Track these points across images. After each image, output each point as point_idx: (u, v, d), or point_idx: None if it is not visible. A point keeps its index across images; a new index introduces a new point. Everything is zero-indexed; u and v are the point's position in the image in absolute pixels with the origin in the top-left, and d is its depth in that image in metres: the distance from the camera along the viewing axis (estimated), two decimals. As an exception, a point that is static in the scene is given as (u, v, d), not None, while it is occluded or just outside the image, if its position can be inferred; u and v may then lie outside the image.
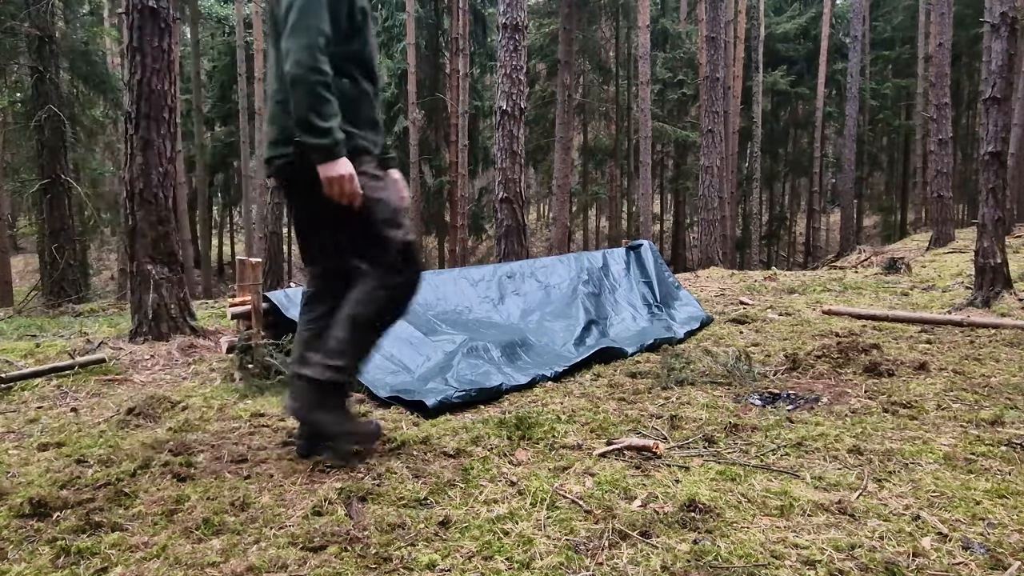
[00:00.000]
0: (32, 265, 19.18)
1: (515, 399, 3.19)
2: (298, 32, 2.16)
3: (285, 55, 2.18)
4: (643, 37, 15.57)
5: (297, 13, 2.17)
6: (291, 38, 2.17)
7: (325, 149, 2.16)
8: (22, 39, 12.15)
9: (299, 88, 2.15)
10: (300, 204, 2.39)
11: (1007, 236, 7.42)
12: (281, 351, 3.52)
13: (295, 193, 2.38)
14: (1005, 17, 5.65)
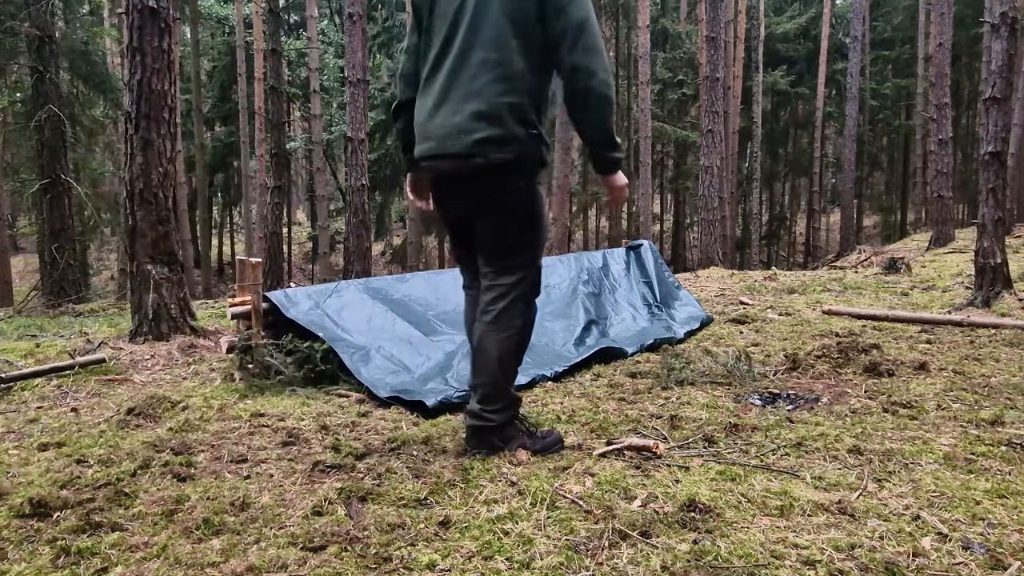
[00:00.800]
0: (32, 265, 19.18)
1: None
2: (595, 51, 2.21)
3: (578, 70, 2.20)
4: (643, 37, 15.57)
5: (590, 30, 2.21)
6: (589, 55, 2.20)
7: (618, 162, 2.34)
8: (22, 39, 12.15)
9: (605, 106, 2.24)
10: (489, 205, 2.35)
11: (1007, 236, 7.42)
12: (281, 351, 3.52)
13: (486, 192, 2.33)
14: (1005, 17, 5.65)
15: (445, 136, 2.29)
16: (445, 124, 2.29)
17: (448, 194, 2.47)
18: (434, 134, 2.32)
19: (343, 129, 14.81)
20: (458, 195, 2.42)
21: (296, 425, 2.72)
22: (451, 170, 2.34)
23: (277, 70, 13.16)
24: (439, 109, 2.31)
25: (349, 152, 11.40)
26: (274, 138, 13.16)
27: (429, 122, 2.34)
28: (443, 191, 2.48)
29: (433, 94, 2.33)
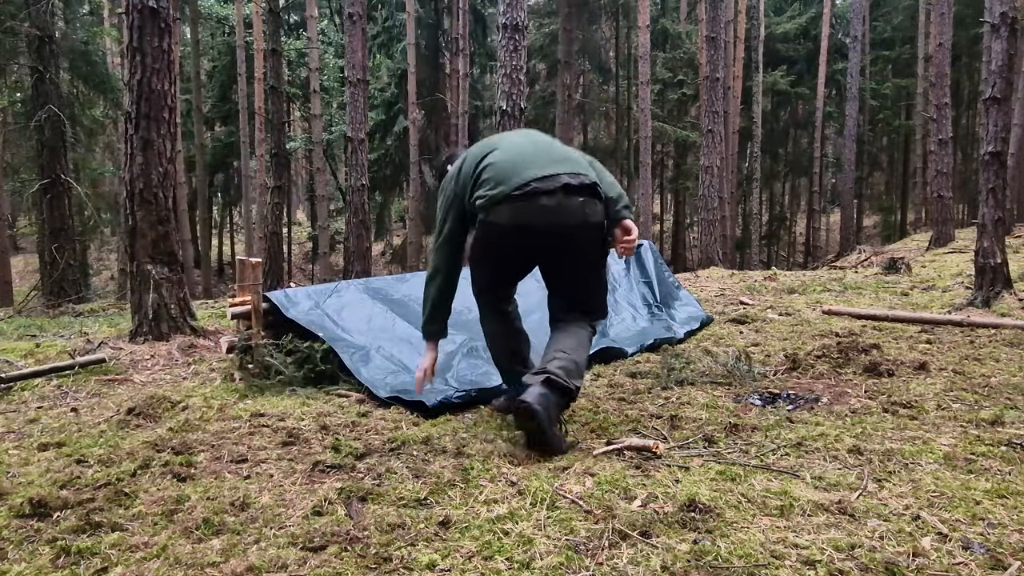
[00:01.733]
0: (32, 265, 19.18)
1: (515, 399, 3.19)
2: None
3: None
4: (643, 37, 15.57)
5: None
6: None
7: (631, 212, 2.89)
8: (22, 39, 12.15)
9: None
10: (576, 251, 2.78)
11: (1007, 236, 7.42)
12: (281, 351, 3.52)
13: (580, 242, 2.76)
14: (1005, 17, 5.65)
15: None
16: None
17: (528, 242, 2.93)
18: None
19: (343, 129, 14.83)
20: None
21: (296, 425, 2.72)
22: None
23: (277, 70, 13.16)
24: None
25: (349, 152, 11.41)
26: (274, 138, 13.16)
27: None
28: None
29: None
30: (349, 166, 11.54)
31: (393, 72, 21.54)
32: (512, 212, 2.67)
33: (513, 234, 2.73)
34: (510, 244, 2.78)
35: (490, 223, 2.71)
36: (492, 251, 2.84)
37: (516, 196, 2.65)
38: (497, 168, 2.72)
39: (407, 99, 17.76)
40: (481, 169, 2.74)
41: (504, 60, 7.13)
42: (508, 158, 2.74)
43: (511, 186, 2.66)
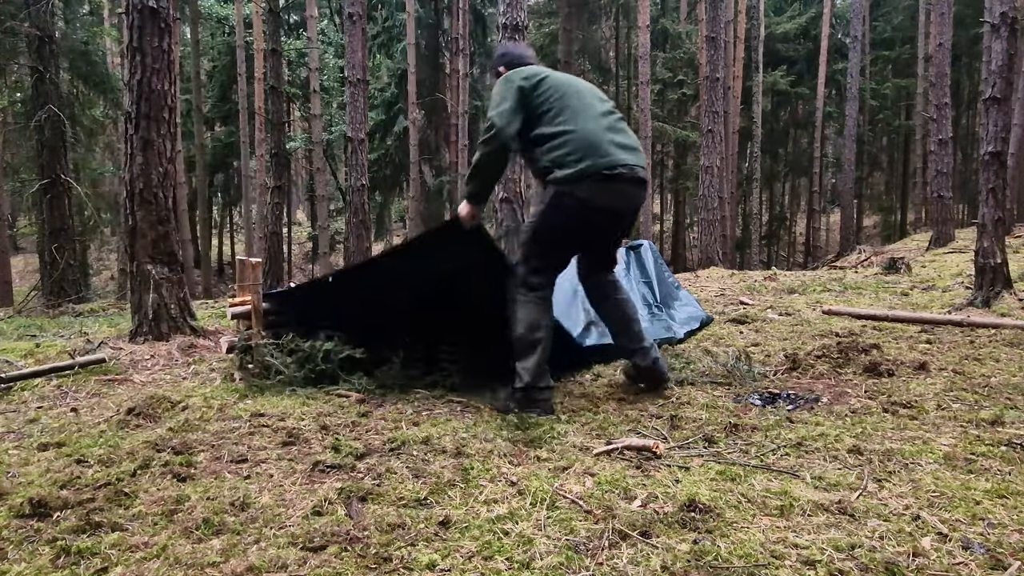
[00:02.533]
0: (32, 265, 19.18)
1: (515, 399, 3.19)
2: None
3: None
4: (643, 37, 15.56)
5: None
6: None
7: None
8: (22, 39, 12.16)
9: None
10: (625, 229, 3.25)
11: (1007, 236, 7.41)
12: (281, 351, 3.52)
13: (629, 217, 3.19)
14: (1005, 17, 5.65)
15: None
16: None
17: (615, 215, 3.23)
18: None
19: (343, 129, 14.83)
20: None
21: (296, 425, 2.72)
22: None
23: (277, 70, 13.16)
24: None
25: (349, 152, 11.40)
26: (274, 138, 13.16)
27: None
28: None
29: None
30: (349, 166, 11.53)
31: (393, 72, 21.54)
32: (600, 192, 2.89)
33: (600, 214, 2.96)
34: (593, 223, 2.99)
35: (578, 200, 2.88)
36: (574, 229, 2.99)
37: (604, 176, 2.87)
38: (577, 139, 2.89)
39: (407, 99, 17.76)
40: (555, 121, 2.93)
41: (504, 60, 7.12)
42: (588, 129, 2.92)
43: (599, 165, 2.87)
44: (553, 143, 2.92)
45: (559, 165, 2.89)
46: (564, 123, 2.93)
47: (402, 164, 20.78)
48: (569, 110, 2.95)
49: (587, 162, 2.85)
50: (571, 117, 2.94)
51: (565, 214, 2.94)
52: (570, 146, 2.89)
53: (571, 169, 2.85)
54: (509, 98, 2.95)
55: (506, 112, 2.92)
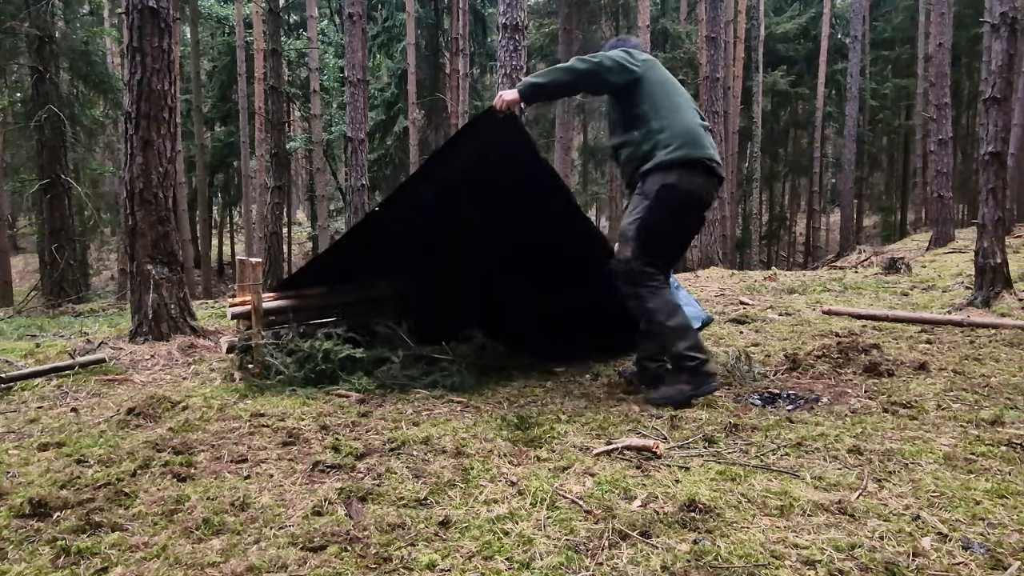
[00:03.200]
0: (32, 265, 19.18)
1: (515, 398, 3.19)
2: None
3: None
4: (643, 37, 15.56)
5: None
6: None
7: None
8: (22, 39, 12.16)
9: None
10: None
11: (1007, 236, 7.41)
12: (281, 351, 3.52)
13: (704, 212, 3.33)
14: (1005, 17, 5.65)
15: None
16: None
17: (701, 211, 3.39)
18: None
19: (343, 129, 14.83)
20: None
21: (296, 425, 2.72)
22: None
23: (277, 70, 13.15)
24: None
25: (349, 152, 11.40)
26: (274, 138, 13.16)
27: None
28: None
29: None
30: (349, 166, 11.53)
31: (393, 72, 21.53)
32: (702, 183, 3.09)
33: (695, 204, 3.14)
34: (691, 214, 3.18)
35: (679, 190, 3.02)
36: (679, 219, 3.14)
37: (705, 168, 3.06)
38: (677, 130, 3.06)
39: (407, 99, 17.76)
40: (658, 109, 3.09)
41: (504, 60, 7.13)
42: (686, 123, 3.10)
43: (699, 155, 3.05)
44: (653, 127, 3.08)
45: (661, 148, 3.04)
46: (667, 113, 3.10)
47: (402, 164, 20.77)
48: (671, 102, 3.14)
49: (686, 150, 3.02)
50: (674, 109, 3.13)
51: (669, 205, 3.03)
52: (669, 132, 3.06)
53: (674, 155, 3.01)
54: (624, 62, 3.11)
55: (616, 67, 3.08)
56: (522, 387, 3.42)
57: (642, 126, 3.12)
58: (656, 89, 3.15)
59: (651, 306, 3.02)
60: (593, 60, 3.09)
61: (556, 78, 3.07)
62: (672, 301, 3.08)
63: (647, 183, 3.08)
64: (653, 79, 3.16)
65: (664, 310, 3.02)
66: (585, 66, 3.07)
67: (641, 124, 3.12)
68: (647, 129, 3.10)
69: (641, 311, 3.06)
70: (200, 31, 19.82)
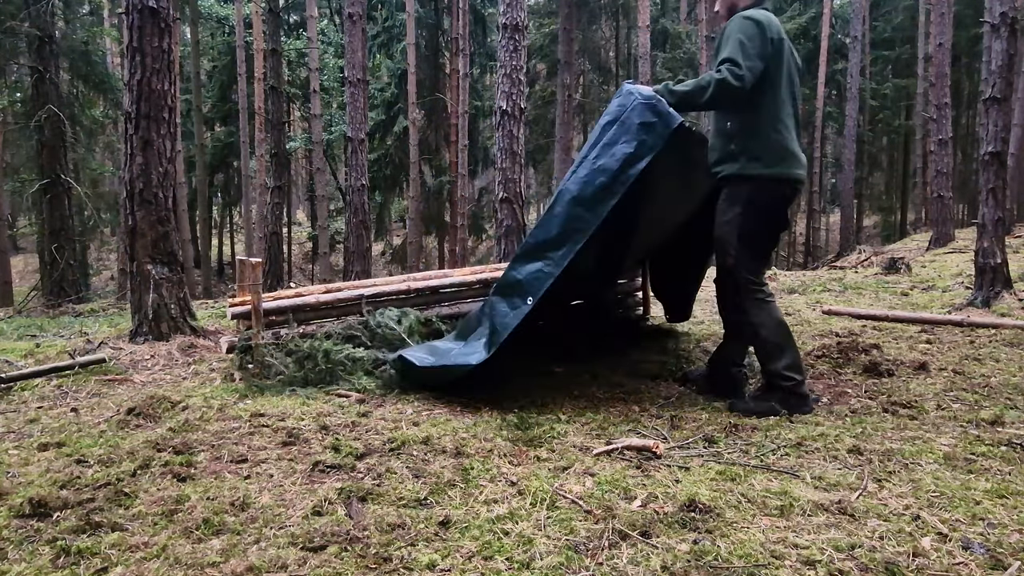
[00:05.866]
0: (32, 265, 19.17)
1: (516, 399, 3.18)
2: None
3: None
4: (643, 37, 15.56)
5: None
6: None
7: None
8: (22, 39, 12.16)
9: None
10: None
11: (1007, 236, 7.41)
12: (281, 351, 3.52)
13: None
14: (1005, 17, 5.65)
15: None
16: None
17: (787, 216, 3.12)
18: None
19: (343, 129, 14.83)
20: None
21: (296, 425, 2.72)
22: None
23: (277, 70, 13.15)
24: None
25: (349, 152, 11.40)
26: (274, 138, 13.15)
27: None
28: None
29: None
30: (349, 166, 11.52)
31: (393, 72, 21.51)
32: (781, 199, 2.94)
33: (785, 205, 2.97)
34: (778, 221, 2.99)
35: (773, 198, 2.90)
36: (771, 223, 2.97)
37: (790, 185, 2.92)
38: (778, 138, 2.85)
39: (407, 99, 17.75)
40: (765, 104, 2.83)
41: (504, 60, 7.13)
42: (788, 128, 2.89)
43: (792, 176, 2.90)
44: (753, 128, 2.84)
45: (754, 158, 2.84)
46: (773, 112, 2.83)
47: (402, 164, 20.76)
48: (779, 96, 2.85)
49: (780, 168, 2.86)
50: (779, 107, 2.85)
51: (763, 212, 2.90)
52: (769, 141, 2.84)
53: (766, 169, 2.84)
54: (757, 45, 2.74)
55: (756, 67, 2.73)
56: (522, 387, 3.41)
57: (738, 120, 2.87)
58: (770, 76, 2.81)
59: (754, 320, 2.91)
60: (737, 79, 2.72)
61: (697, 101, 2.85)
62: (776, 315, 2.94)
63: (735, 188, 2.91)
64: (774, 62, 2.82)
65: (768, 324, 2.90)
66: (728, 94, 2.76)
67: (739, 117, 2.87)
68: (746, 128, 2.86)
69: (747, 323, 2.97)
70: (200, 31, 19.82)
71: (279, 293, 4.03)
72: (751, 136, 2.86)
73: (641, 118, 2.84)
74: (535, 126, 23.43)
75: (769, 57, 2.78)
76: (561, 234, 2.93)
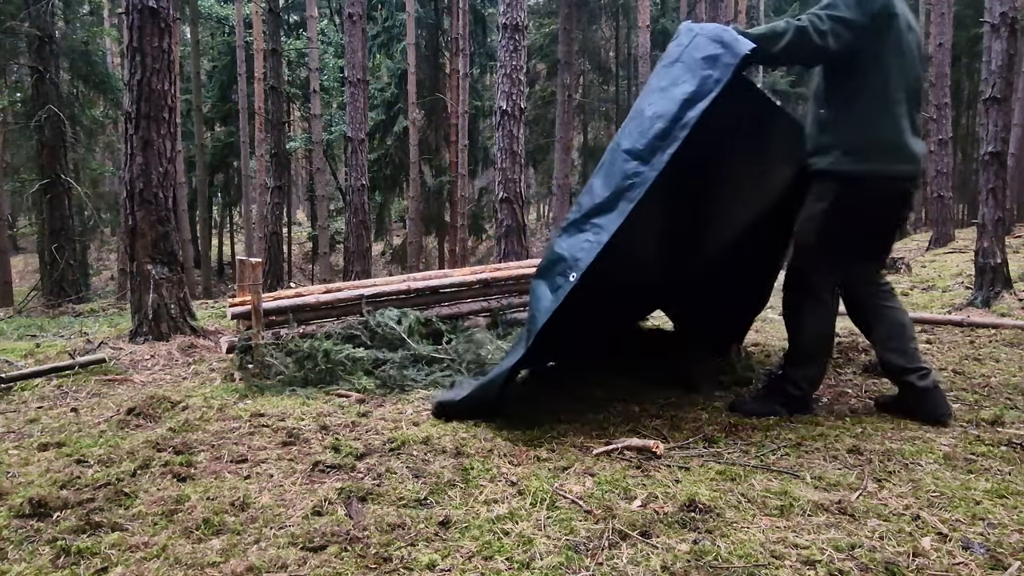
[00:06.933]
0: (32, 265, 19.17)
1: (515, 398, 3.18)
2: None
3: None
4: (643, 37, 15.56)
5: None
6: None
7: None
8: (22, 39, 12.16)
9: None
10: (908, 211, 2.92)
11: (1007, 236, 7.41)
12: (281, 351, 3.52)
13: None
14: (1005, 17, 5.65)
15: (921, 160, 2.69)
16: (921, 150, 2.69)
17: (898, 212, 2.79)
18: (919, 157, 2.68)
19: (343, 129, 14.83)
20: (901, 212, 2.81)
21: (296, 425, 2.72)
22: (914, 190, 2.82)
23: (277, 70, 13.15)
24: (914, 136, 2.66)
25: (349, 152, 11.40)
26: (274, 138, 13.16)
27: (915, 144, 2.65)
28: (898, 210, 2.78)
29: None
30: (349, 166, 11.53)
31: (393, 72, 21.50)
32: (880, 198, 2.66)
33: (880, 213, 2.68)
34: (874, 220, 2.70)
35: (875, 196, 2.63)
36: (857, 227, 2.67)
37: (899, 185, 2.67)
38: (890, 131, 2.57)
39: (407, 99, 17.75)
40: (868, 88, 2.54)
41: (504, 60, 7.13)
42: (896, 117, 2.57)
43: (894, 173, 2.61)
44: (852, 117, 2.57)
45: (849, 152, 2.56)
46: (878, 98, 2.54)
47: (402, 164, 20.75)
48: (888, 80, 2.55)
49: (879, 164, 2.56)
50: (887, 93, 2.55)
51: (849, 212, 2.62)
52: (869, 132, 2.56)
53: (860, 165, 2.55)
54: (853, 8, 2.48)
55: (843, 33, 2.46)
56: (522, 387, 3.41)
57: (835, 108, 2.62)
58: (872, 67, 2.54)
59: (805, 323, 2.76)
60: (823, 35, 2.47)
61: (777, 52, 2.51)
62: (824, 329, 2.78)
63: (824, 184, 2.66)
64: (884, 41, 2.54)
65: (811, 332, 2.75)
66: (802, 49, 2.50)
67: (838, 98, 2.61)
68: (843, 116, 2.60)
69: (793, 322, 2.82)
70: (200, 31, 19.81)
71: (279, 293, 4.04)
72: (848, 126, 2.58)
73: (703, 52, 2.44)
74: (535, 126, 23.43)
75: (869, 30, 2.49)
76: (612, 195, 2.46)
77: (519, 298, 4.52)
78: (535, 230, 31.14)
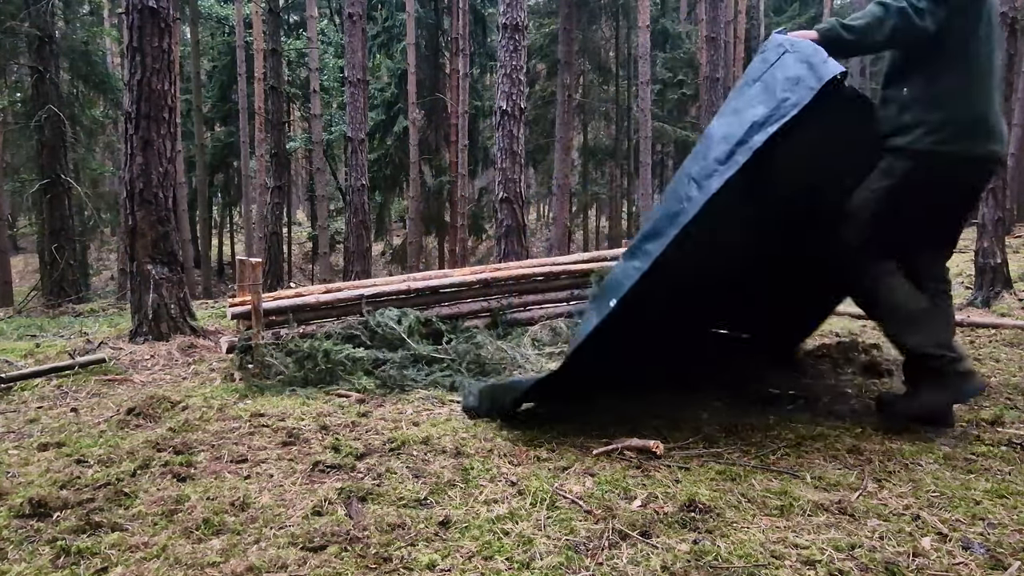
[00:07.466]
0: (32, 265, 19.16)
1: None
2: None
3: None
4: (643, 37, 15.56)
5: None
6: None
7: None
8: (22, 39, 12.16)
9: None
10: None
11: (1007, 236, 7.41)
12: (281, 351, 3.52)
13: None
14: (1005, 17, 5.65)
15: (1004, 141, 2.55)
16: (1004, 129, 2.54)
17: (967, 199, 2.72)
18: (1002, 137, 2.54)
19: (343, 129, 14.83)
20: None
21: (296, 425, 2.72)
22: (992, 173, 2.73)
23: (277, 70, 13.16)
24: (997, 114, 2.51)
25: (349, 152, 11.40)
26: (274, 138, 13.16)
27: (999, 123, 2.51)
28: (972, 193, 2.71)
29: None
30: (349, 166, 11.53)
31: (393, 72, 21.50)
32: (951, 177, 2.52)
33: (947, 196, 2.57)
34: (937, 204, 2.59)
35: (948, 177, 2.49)
36: (936, 207, 2.58)
37: (979, 166, 2.54)
38: (979, 109, 2.43)
39: (407, 99, 17.74)
40: (951, 65, 2.41)
41: (504, 60, 7.13)
42: (981, 95, 2.44)
43: (975, 154, 2.48)
44: (937, 96, 2.43)
45: (932, 131, 2.42)
46: (967, 76, 2.42)
47: (402, 164, 20.75)
48: (977, 57, 2.44)
49: (962, 144, 2.42)
50: (975, 70, 2.43)
51: (916, 191, 2.48)
52: (956, 111, 2.41)
53: (942, 146, 2.42)
54: None
55: (937, 11, 2.34)
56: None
57: (919, 87, 2.46)
58: (959, 45, 2.43)
59: (880, 296, 2.60)
60: (916, 16, 2.33)
61: (857, 40, 2.40)
62: (903, 285, 2.60)
63: (895, 160, 2.50)
64: (971, 17, 2.44)
65: (893, 299, 2.59)
66: (897, 32, 2.35)
67: (920, 82, 2.47)
68: (923, 96, 2.46)
69: (874, 304, 2.67)
70: (200, 31, 19.82)
71: (279, 293, 4.04)
72: (933, 106, 2.43)
73: (788, 72, 2.28)
74: (535, 126, 23.42)
75: (956, 7, 2.39)
76: (664, 219, 2.33)
77: (519, 298, 4.52)
78: (535, 230, 31.12)
